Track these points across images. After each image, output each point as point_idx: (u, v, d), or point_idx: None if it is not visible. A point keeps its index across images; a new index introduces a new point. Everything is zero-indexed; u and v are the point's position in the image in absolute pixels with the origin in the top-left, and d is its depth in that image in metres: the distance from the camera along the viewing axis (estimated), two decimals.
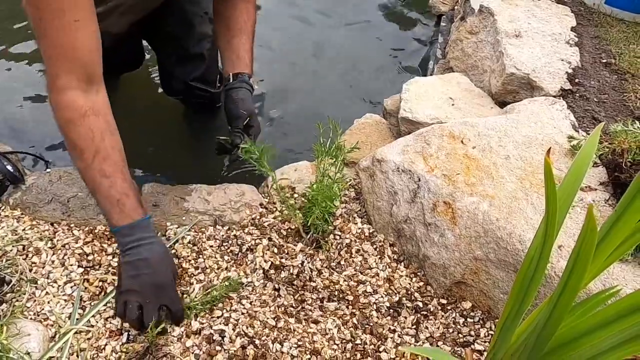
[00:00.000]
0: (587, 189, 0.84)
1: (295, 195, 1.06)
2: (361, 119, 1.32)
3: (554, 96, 1.08)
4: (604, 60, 1.17)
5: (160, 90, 1.49)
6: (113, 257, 0.95)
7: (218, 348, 0.82)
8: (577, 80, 1.11)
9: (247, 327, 0.85)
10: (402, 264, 0.95)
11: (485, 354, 0.80)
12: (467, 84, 1.27)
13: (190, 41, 1.27)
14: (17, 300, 0.86)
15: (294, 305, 0.90)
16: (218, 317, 0.86)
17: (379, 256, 0.96)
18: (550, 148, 0.52)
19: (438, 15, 1.99)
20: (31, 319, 0.84)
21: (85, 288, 0.90)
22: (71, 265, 0.94)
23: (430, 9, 2.04)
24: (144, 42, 1.41)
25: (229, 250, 0.98)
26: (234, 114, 1.05)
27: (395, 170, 0.95)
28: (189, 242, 0.99)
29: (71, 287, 0.90)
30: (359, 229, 1.01)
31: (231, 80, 1.06)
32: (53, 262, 0.94)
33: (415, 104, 1.17)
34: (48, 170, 1.11)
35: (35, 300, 0.87)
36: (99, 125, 0.78)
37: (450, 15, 1.91)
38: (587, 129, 0.98)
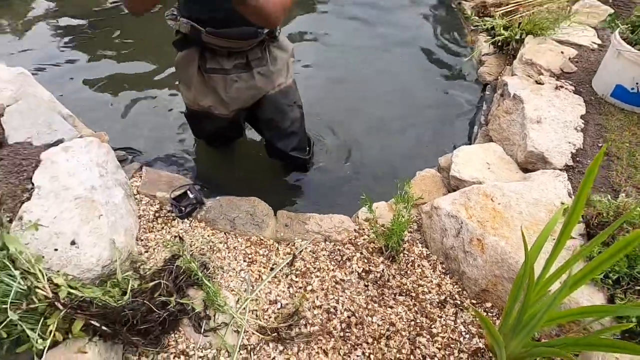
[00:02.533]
0: (570, 238, 1.33)
1: (378, 225, 1.61)
2: (422, 172, 1.85)
3: (560, 169, 1.57)
4: (600, 144, 1.64)
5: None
6: (264, 257, 1.54)
7: (333, 316, 1.37)
8: (577, 159, 1.59)
9: (349, 306, 1.39)
10: (448, 275, 1.47)
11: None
12: (500, 153, 1.77)
13: (285, 123, 1.78)
14: (214, 279, 1.45)
15: (377, 296, 1.43)
16: (331, 299, 1.42)
17: (432, 269, 1.49)
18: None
19: (484, 84, 2.50)
20: (225, 289, 1.43)
21: (251, 274, 1.48)
22: (240, 259, 1.53)
23: (479, 78, 2.56)
24: None
25: (334, 258, 1.54)
26: None
27: (446, 215, 1.48)
28: (309, 251, 1.56)
29: (243, 272, 1.49)
30: (420, 250, 1.54)
31: None
32: (229, 257, 1.53)
33: (462, 167, 1.69)
34: (218, 197, 1.72)
35: (223, 279, 1.46)
36: None
37: (494, 84, 2.41)
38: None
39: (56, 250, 1.24)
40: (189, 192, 1.66)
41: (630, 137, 1.68)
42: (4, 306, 0.96)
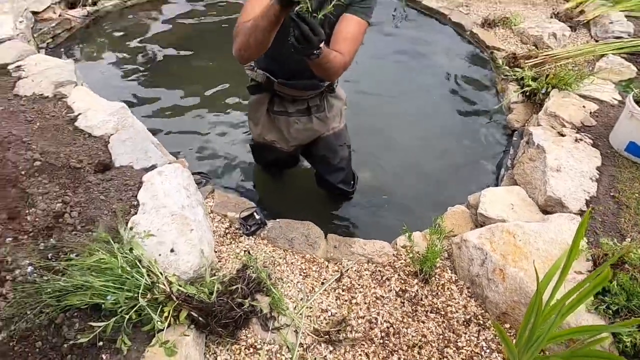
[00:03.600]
0: (579, 272, 1.58)
1: (414, 252, 1.88)
2: (453, 207, 2.12)
3: (575, 213, 1.82)
4: (612, 194, 1.88)
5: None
6: (316, 272, 1.83)
7: (374, 326, 1.64)
8: (591, 205, 1.83)
9: (388, 318, 1.67)
10: (473, 299, 1.73)
11: None
12: (523, 195, 2.03)
13: (335, 160, 2.10)
14: (277, 286, 1.76)
15: (411, 312, 1.70)
16: (373, 312, 1.69)
17: (459, 292, 1.75)
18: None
19: (512, 130, 2.77)
20: (284, 296, 1.73)
21: (305, 285, 1.78)
22: (296, 273, 1.83)
23: (507, 124, 2.83)
24: None
25: (376, 278, 1.82)
26: None
27: (473, 247, 1.75)
28: (354, 270, 1.84)
29: (299, 284, 1.78)
30: (449, 276, 1.81)
31: None
32: (287, 270, 1.84)
33: (488, 206, 1.96)
34: (278, 220, 2.04)
35: (283, 288, 1.76)
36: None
37: (521, 131, 2.68)
38: (590, 239, 1.71)
39: (159, 255, 1.57)
40: (255, 213, 1.99)
41: (639, 188, 1.92)
42: (135, 295, 1.29)
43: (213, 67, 3.29)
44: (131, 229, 1.63)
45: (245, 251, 1.88)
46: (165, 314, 1.31)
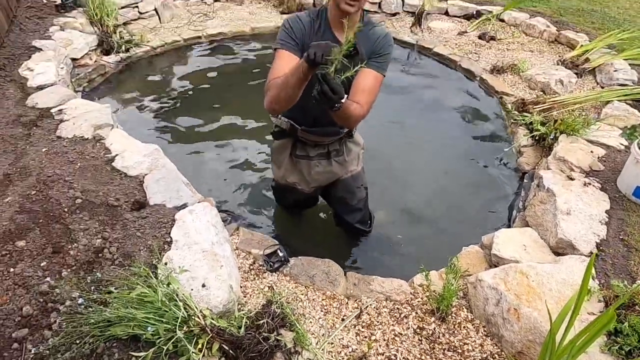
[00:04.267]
0: (591, 314, 1.64)
1: (431, 290, 1.96)
2: (467, 247, 2.21)
3: (586, 255, 1.90)
4: (621, 237, 1.96)
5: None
6: (336, 309, 1.91)
7: None
8: (601, 248, 1.91)
9: (406, 355, 1.73)
10: (489, 337, 1.79)
11: None
12: (535, 237, 2.12)
13: (353, 201, 2.23)
14: (300, 322, 1.84)
15: (429, 349, 1.76)
16: (392, 349, 1.76)
17: (476, 331, 1.81)
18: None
19: (523, 172, 2.88)
20: (307, 330, 1.81)
21: (326, 321, 1.86)
22: (317, 309, 1.91)
23: (518, 167, 2.94)
24: None
25: (394, 315, 1.89)
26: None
27: (488, 287, 1.82)
28: (373, 307, 1.92)
29: (320, 320, 1.86)
30: (465, 315, 1.87)
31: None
32: (309, 307, 1.92)
33: (501, 247, 2.05)
34: (300, 257, 2.14)
35: (305, 324, 1.84)
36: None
37: (531, 174, 2.78)
38: (601, 280, 1.77)
39: (192, 290, 1.67)
40: (278, 250, 2.10)
41: None
42: (173, 327, 1.39)
43: (237, 111, 3.50)
44: (165, 264, 1.74)
45: (269, 287, 1.97)
46: (200, 346, 1.40)
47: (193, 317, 1.43)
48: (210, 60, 4.29)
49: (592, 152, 2.57)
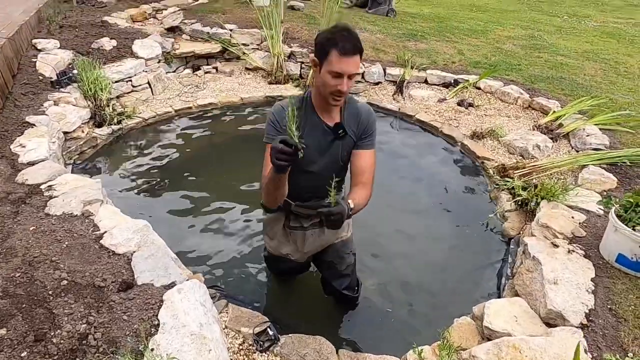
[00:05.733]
0: None
1: None
2: (459, 319, 2.19)
3: (576, 327, 1.90)
4: (609, 307, 1.98)
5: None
6: None
7: None
8: (590, 318, 1.92)
9: None
10: None
11: None
12: (525, 307, 2.12)
13: (342, 266, 2.25)
14: None
15: None
16: None
17: None
18: None
19: (509, 238, 2.93)
20: None
21: None
22: None
23: (503, 232, 3.00)
24: None
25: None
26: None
27: None
28: None
29: None
30: None
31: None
32: None
33: (492, 318, 2.04)
34: (290, 335, 2.09)
35: None
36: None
37: (517, 239, 2.83)
38: (594, 353, 1.77)
39: None
40: (268, 329, 2.06)
41: (635, 300, 2.02)
42: None
43: (226, 181, 3.56)
44: (152, 350, 1.69)
45: None
46: None
47: None
48: (200, 130, 4.42)
49: (573, 217, 2.65)
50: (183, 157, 3.90)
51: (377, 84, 5.38)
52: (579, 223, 2.60)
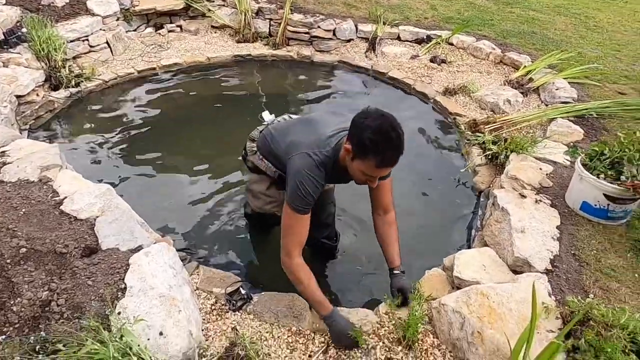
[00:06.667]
0: (550, 331, 1.68)
1: (396, 318, 1.95)
2: (430, 271, 2.23)
3: (541, 272, 1.95)
4: (573, 252, 2.04)
5: None
6: (303, 345, 1.86)
7: None
8: (555, 264, 1.98)
9: None
10: None
11: None
12: (494, 256, 2.16)
13: (323, 215, 2.26)
14: None
15: None
16: None
17: (442, 357, 1.81)
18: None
19: (479, 191, 2.97)
20: None
21: (292, 359, 1.80)
22: (283, 347, 1.85)
23: (474, 186, 3.03)
24: None
25: (361, 347, 1.86)
26: (404, 287, 1.94)
27: (452, 311, 1.84)
28: None
29: (287, 358, 1.80)
30: (432, 341, 1.87)
31: (395, 270, 1.99)
32: (274, 345, 1.86)
33: (462, 268, 2.08)
34: (263, 293, 2.08)
35: None
36: (307, 272, 1.77)
37: (487, 192, 2.87)
38: (557, 296, 1.83)
39: (148, 339, 1.59)
40: (241, 288, 2.04)
41: (596, 245, 2.08)
42: None
43: (195, 143, 3.44)
44: (119, 313, 1.65)
45: (232, 328, 1.90)
46: None
47: None
48: (165, 92, 4.23)
49: (541, 169, 2.69)
50: (148, 120, 3.74)
51: (348, 41, 5.23)
52: (547, 174, 2.64)
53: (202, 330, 1.89)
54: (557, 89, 3.85)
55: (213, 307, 2.02)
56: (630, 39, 5.46)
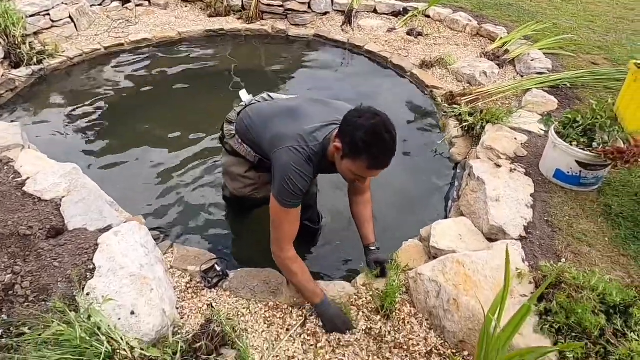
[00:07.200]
0: (523, 295, 1.70)
1: (374, 289, 1.95)
2: (407, 242, 2.23)
3: (516, 239, 1.97)
4: (546, 218, 2.06)
5: None
6: (280, 319, 1.85)
7: None
8: (529, 231, 2.00)
9: (354, 358, 1.70)
10: (432, 330, 1.81)
11: None
12: (470, 225, 2.18)
13: (305, 197, 2.22)
14: (242, 338, 1.75)
15: (376, 350, 1.74)
16: (339, 354, 1.72)
17: (419, 325, 1.82)
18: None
19: (456, 163, 2.97)
20: (251, 348, 1.73)
21: (270, 334, 1.79)
22: (260, 322, 1.84)
23: (450, 157, 3.03)
24: None
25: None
26: (380, 260, 1.95)
27: (427, 280, 1.84)
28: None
29: (264, 333, 1.79)
30: (409, 310, 1.88)
31: (371, 247, 1.98)
32: (251, 320, 1.84)
33: (439, 238, 2.08)
34: (239, 269, 2.05)
35: (248, 339, 1.76)
36: (301, 263, 1.74)
37: (463, 163, 2.88)
38: (530, 262, 1.85)
39: (119, 319, 1.54)
40: (216, 265, 2.00)
41: (569, 211, 2.11)
42: None
43: (166, 121, 3.33)
44: (88, 294, 1.60)
45: (208, 305, 1.87)
46: None
47: (119, 351, 1.31)
48: (134, 68, 4.06)
49: (516, 138, 2.70)
50: (116, 99, 3.59)
51: (324, 14, 5.11)
52: (522, 144, 2.65)
53: (178, 308, 1.85)
54: (532, 60, 3.86)
55: (188, 285, 1.98)
56: (603, 10, 5.49)
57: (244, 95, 2.08)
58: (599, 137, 2.18)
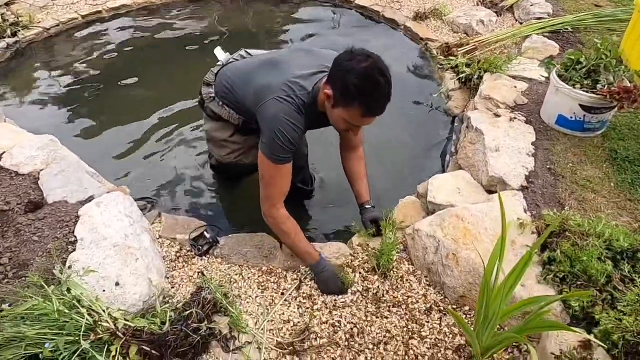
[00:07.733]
0: (526, 247, 1.62)
1: (370, 248, 1.88)
2: (404, 199, 2.14)
3: (517, 189, 1.88)
4: (548, 166, 1.96)
5: None
6: (274, 284, 1.79)
7: (337, 329, 1.62)
8: (530, 180, 1.90)
9: (351, 319, 1.65)
10: (431, 286, 1.74)
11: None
12: (468, 178, 2.08)
13: (296, 158, 2.13)
14: (234, 306, 1.70)
15: (374, 309, 1.69)
16: (335, 315, 1.67)
17: (418, 282, 1.76)
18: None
19: (453, 116, 2.85)
20: (244, 313, 1.67)
21: (265, 299, 1.73)
22: (254, 287, 1.78)
23: (447, 111, 2.91)
24: None
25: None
26: (376, 218, 1.88)
27: (425, 235, 1.77)
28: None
29: (258, 298, 1.73)
30: (407, 267, 1.82)
31: (366, 205, 1.91)
32: (245, 286, 1.78)
33: (436, 193, 1.99)
34: (230, 235, 1.98)
35: (242, 305, 1.71)
36: (293, 222, 1.66)
37: (461, 116, 2.76)
38: (533, 212, 1.77)
39: (104, 291, 1.48)
40: (205, 232, 1.92)
41: (572, 157, 2.01)
42: (76, 338, 1.20)
43: (146, 89, 3.18)
44: (69, 267, 1.53)
45: (199, 272, 1.81)
46: (113, 353, 1.23)
47: (100, 322, 1.25)
48: (114, 36, 3.87)
49: (515, 86, 2.56)
50: (96, 68, 3.42)
51: None
52: (521, 91, 2.52)
53: (168, 277, 1.79)
54: (531, 5, 3.65)
55: (178, 254, 1.91)
56: None
57: (220, 53, 1.95)
58: (604, 77, 2.05)
